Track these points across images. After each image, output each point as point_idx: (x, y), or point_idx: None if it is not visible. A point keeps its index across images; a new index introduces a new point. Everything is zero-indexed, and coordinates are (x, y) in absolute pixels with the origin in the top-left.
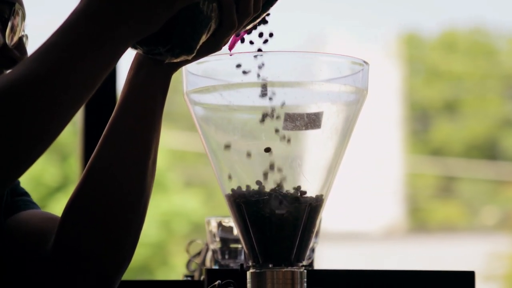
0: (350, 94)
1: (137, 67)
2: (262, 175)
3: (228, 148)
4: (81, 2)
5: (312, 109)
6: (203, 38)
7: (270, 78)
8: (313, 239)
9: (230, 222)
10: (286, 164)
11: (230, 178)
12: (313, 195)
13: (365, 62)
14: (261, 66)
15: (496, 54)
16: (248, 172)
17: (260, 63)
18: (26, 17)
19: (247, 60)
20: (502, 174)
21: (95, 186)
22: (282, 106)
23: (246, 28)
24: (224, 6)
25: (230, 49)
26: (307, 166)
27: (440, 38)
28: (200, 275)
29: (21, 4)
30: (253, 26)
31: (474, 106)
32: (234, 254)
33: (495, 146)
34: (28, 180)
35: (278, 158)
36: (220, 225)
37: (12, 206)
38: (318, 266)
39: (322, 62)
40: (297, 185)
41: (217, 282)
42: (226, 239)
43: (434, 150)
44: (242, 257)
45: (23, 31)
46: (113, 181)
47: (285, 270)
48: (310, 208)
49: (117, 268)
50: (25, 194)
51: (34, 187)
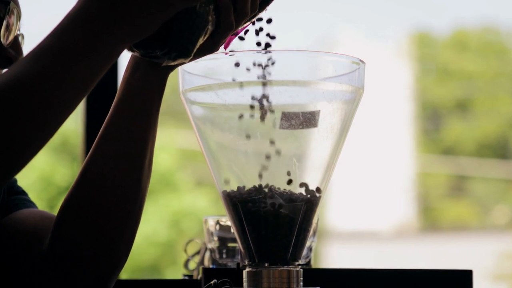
0: (346, 92)
1: (133, 68)
2: (258, 174)
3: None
4: (76, 4)
5: (308, 108)
6: (200, 40)
7: (266, 77)
8: (311, 238)
9: (228, 221)
10: (282, 163)
11: (226, 177)
12: (309, 194)
13: (361, 60)
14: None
15: (507, 53)
16: (244, 171)
17: (257, 62)
18: (22, 16)
19: (244, 59)
20: None
21: (91, 186)
22: (277, 105)
23: (242, 26)
24: (221, 8)
25: (225, 47)
26: (303, 165)
27: (451, 37)
28: (198, 274)
29: (16, 3)
30: (249, 24)
31: (486, 105)
32: (232, 253)
33: (507, 145)
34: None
35: (274, 157)
36: (218, 224)
37: (8, 205)
38: (327, 265)
39: (318, 60)
40: (293, 183)
41: (213, 281)
42: (224, 238)
43: (445, 149)
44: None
45: (19, 30)
46: (108, 181)
47: (281, 269)
48: (306, 207)
49: (112, 267)
50: (22, 192)
51: (45, 187)
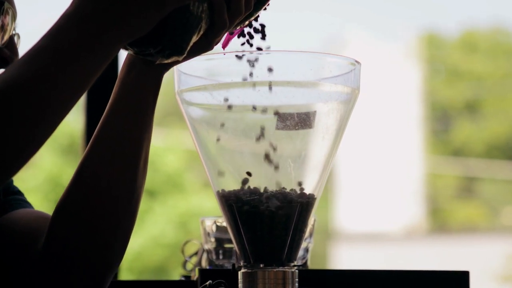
0: (342, 93)
1: (128, 67)
2: (253, 175)
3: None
4: (71, 5)
5: (304, 108)
6: (194, 39)
7: (262, 78)
8: (307, 240)
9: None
10: (277, 164)
11: (221, 178)
12: (304, 195)
13: (357, 61)
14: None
15: None
16: (239, 171)
17: (252, 63)
18: (19, 16)
19: (239, 60)
20: None
21: (85, 186)
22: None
23: (239, 26)
24: (215, 6)
25: (224, 47)
26: (299, 165)
27: (460, 38)
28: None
29: (11, 3)
30: (248, 24)
31: (495, 106)
32: (229, 254)
33: None
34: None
35: (269, 157)
36: (214, 224)
37: (4, 205)
38: (337, 266)
39: (313, 61)
40: (288, 184)
41: (208, 282)
42: (221, 239)
43: (454, 150)
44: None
45: (14, 30)
46: (103, 181)
47: (276, 270)
48: (302, 207)
49: (107, 267)
50: (17, 193)
51: (53, 188)
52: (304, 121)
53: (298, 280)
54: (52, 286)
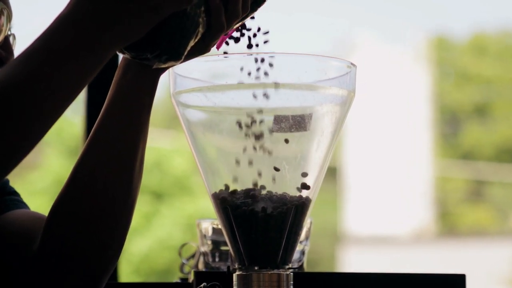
0: (337, 96)
1: (124, 69)
2: (248, 177)
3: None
4: (66, 7)
5: (299, 111)
6: (191, 43)
7: (257, 80)
8: (303, 242)
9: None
10: (272, 166)
11: (216, 180)
12: (299, 197)
13: (352, 64)
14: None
15: None
16: (234, 173)
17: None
18: (17, 17)
19: (235, 61)
20: None
21: (81, 187)
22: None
23: (234, 27)
24: (212, 9)
25: (218, 48)
26: (294, 168)
27: (470, 41)
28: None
29: (6, 3)
30: (241, 24)
31: (505, 110)
32: (225, 256)
33: None
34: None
35: (264, 160)
36: (211, 227)
37: (0, 206)
38: (346, 269)
39: (309, 63)
40: (283, 186)
41: (202, 285)
42: (217, 242)
43: (464, 153)
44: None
45: (10, 31)
46: (99, 182)
47: (271, 272)
48: (296, 210)
49: (103, 268)
50: (13, 193)
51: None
52: (299, 123)
53: (293, 282)
54: (47, 286)
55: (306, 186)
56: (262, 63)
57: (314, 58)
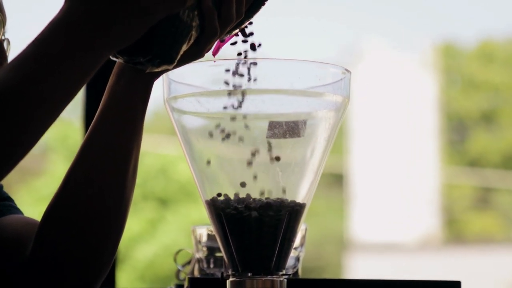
0: (331, 102)
1: (118, 74)
2: (241, 183)
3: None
4: (59, 11)
5: (293, 117)
6: (184, 47)
7: (250, 86)
8: (299, 249)
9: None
10: (266, 172)
11: (209, 186)
12: (293, 203)
13: (347, 70)
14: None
15: None
16: (227, 179)
17: (243, 70)
18: (9, 22)
19: (230, 67)
20: None
21: (75, 192)
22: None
23: (230, 33)
24: (205, 13)
25: (214, 54)
26: (288, 174)
27: (477, 49)
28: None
29: (0, 9)
30: (239, 31)
31: (511, 117)
32: (220, 262)
33: None
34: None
35: (258, 166)
36: (205, 233)
37: None
38: (352, 276)
39: (303, 69)
40: (276, 193)
41: None
42: (212, 248)
43: (471, 160)
44: None
45: (4, 36)
46: (93, 186)
47: (264, 279)
48: (290, 216)
49: (96, 274)
50: (7, 199)
51: None
52: (293, 129)
53: None
54: None
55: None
56: (255, 69)
57: (308, 64)
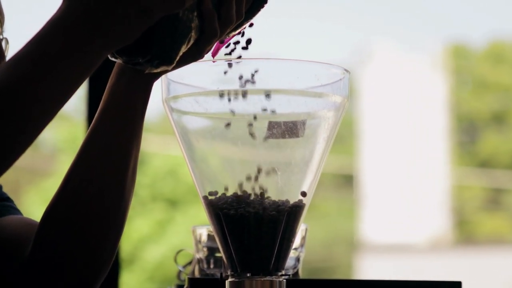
0: (331, 102)
1: (118, 74)
2: (240, 183)
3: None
4: (57, 12)
5: (293, 117)
6: (184, 48)
7: (250, 86)
8: (299, 249)
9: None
10: (265, 172)
11: (208, 185)
12: (292, 203)
13: (346, 70)
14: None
15: None
16: (226, 179)
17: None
18: (8, 21)
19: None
20: None
21: (75, 192)
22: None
23: (230, 35)
24: (204, 14)
25: (214, 55)
26: (287, 174)
27: (487, 50)
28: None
29: None
30: (238, 33)
31: None
32: (220, 263)
33: None
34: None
35: (257, 165)
36: (205, 233)
37: None
38: (362, 277)
39: (302, 69)
40: (275, 192)
41: None
42: (212, 248)
43: (481, 162)
44: None
45: (1, 35)
46: (91, 189)
47: (263, 279)
48: (289, 216)
49: (95, 275)
50: (6, 199)
51: None
52: (292, 129)
53: None
54: None
55: (304, 194)
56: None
57: (308, 64)
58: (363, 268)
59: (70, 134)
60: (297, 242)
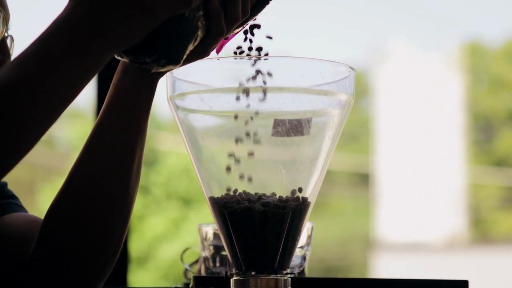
0: (336, 100)
1: (123, 72)
2: (245, 181)
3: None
4: (63, 11)
5: (298, 115)
6: (190, 47)
7: (255, 83)
8: (305, 248)
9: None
10: (270, 169)
11: (213, 184)
12: (297, 201)
13: (351, 68)
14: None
15: None
16: (231, 178)
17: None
18: (13, 19)
19: (234, 65)
20: None
21: (79, 189)
22: (265, 113)
23: (234, 31)
24: (211, 13)
25: (218, 52)
26: (292, 172)
27: (503, 48)
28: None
29: (3, 6)
30: (242, 29)
31: None
32: (226, 261)
33: None
34: None
35: (261, 164)
36: (211, 231)
37: None
38: (377, 276)
39: (307, 67)
40: (281, 190)
41: None
42: (218, 246)
43: (497, 160)
44: None
45: (7, 33)
46: (95, 186)
47: (268, 277)
48: (294, 214)
49: (99, 273)
50: (11, 197)
51: None
52: (298, 127)
53: None
54: None
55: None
56: (260, 67)
57: (313, 62)
58: (379, 266)
59: (85, 132)
60: (303, 240)
